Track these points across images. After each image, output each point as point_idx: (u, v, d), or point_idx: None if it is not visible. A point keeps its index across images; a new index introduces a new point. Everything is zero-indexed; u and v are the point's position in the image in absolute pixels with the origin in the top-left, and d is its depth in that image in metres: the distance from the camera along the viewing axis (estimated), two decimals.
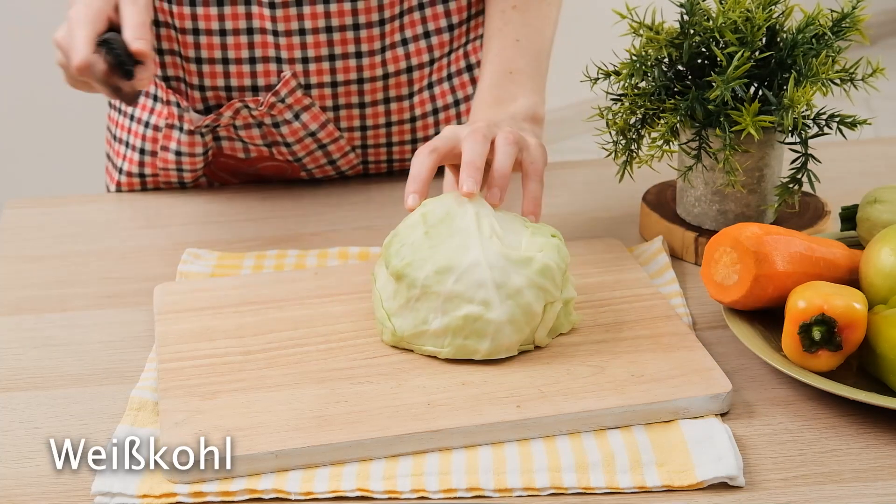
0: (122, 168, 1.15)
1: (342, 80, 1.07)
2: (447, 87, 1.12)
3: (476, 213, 0.83)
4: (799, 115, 0.89)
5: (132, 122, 1.13)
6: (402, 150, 1.13)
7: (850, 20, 0.93)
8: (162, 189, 1.16)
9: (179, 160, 1.11)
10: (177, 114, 1.09)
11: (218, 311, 0.87)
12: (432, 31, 1.09)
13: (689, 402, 0.76)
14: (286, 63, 1.05)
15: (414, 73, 1.09)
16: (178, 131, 1.09)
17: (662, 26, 0.94)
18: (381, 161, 1.14)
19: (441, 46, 1.10)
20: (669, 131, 0.93)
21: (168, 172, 1.12)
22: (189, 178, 1.12)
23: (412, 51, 1.08)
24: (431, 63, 1.10)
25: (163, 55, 1.07)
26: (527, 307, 0.79)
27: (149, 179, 1.14)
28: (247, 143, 1.10)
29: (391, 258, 0.81)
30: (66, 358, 0.85)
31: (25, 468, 0.74)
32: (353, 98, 1.08)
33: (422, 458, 0.72)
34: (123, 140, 1.15)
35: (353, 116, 1.09)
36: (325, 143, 1.10)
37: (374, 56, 1.06)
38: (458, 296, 0.79)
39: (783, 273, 0.82)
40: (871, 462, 0.73)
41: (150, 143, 1.12)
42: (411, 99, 1.10)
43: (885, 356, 0.76)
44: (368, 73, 1.07)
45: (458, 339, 0.79)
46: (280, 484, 0.71)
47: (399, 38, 1.07)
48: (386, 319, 0.81)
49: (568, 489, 0.70)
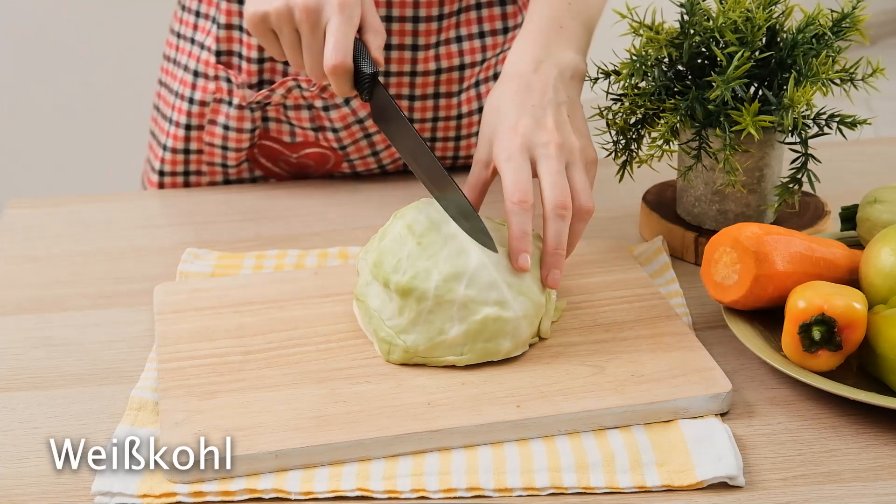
0: (166, 145, 1.14)
1: (395, 71, 1.08)
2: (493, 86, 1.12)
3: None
4: (799, 115, 0.89)
5: (176, 99, 1.13)
6: (444, 146, 1.13)
7: (850, 20, 0.93)
8: (163, 189, 1.16)
9: (226, 135, 1.11)
10: (226, 89, 1.09)
11: (218, 311, 0.87)
12: (487, 32, 1.10)
13: (688, 402, 0.76)
14: None
15: (465, 70, 1.10)
16: (228, 105, 1.10)
17: (662, 26, 0.94)
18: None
19: (494, 47, 1.11)
20: (669, 131, 0.93)
21: (213, 150, 1.12)
22: (233, 158, 1.12)
23: (466, 49, 1.09)
24: (482, 62, 1.11)
25: (220, 29, 1.08)
26: (536, 299, 0.80)
27: (193, 158, 1.13)
28: (294, 125, 1.10)
29: (389, 275, 0.79)
30: (66, 358, 0.85)
31: (25, 468, 0.74)
32: (405, 90, 1.09)
33: (422, 458, 0.72)
34: (167, 116, 1.15)
35: (402, 108, 1.09)
36: (371, 133, 1.10)
37: (428, 50, 1.07)
38: (472, 300, 0.79)
39: (783, 273, 0.82)
40: (871, 462, 0.73)
41: (196, 118, 1.12)
42: (459, 96, 1.11)
43: (885, 356, 0.76)
44: (422, 67, 1.08)
45: (479, 343, 0.79)
46: (280, 484, 0.71)
47: (454, 34, 1.08)
48: (394, 338, 0.80)
49: (568, 489, 0.70)
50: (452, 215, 0.83)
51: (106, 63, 2.53)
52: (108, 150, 2.57)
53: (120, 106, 2.54)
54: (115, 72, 2.53)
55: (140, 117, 2.63)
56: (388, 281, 0.80)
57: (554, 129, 0.85)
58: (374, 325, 0.81)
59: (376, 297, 0.81)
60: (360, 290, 0.83)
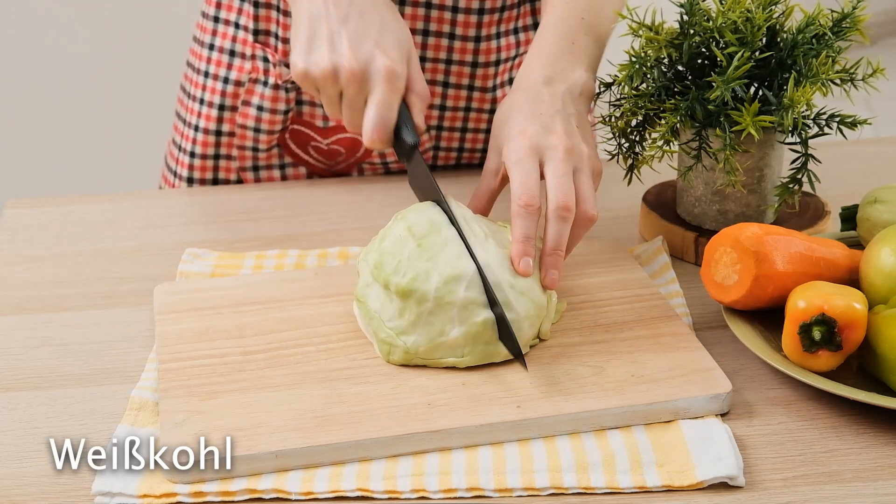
0: (198, 126, 1.14)
1: (431, 57, 1.08)
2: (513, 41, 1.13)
3: (463, 218, 0.83)
4: (799, 115, 0.89)
5: (207, 79, 1.13)
6: (475, 137, 1.14)
7: (851, 20, 0.93)
8: (163, 188, 1.16)
9: (260, 117, 1.11)
10: (262, 68, 1.10)
11: (218, 312, 0.87)
12: (520, 28, 1.10)
13: (689, 403, 0.76)
14: None
15: (500, 66, 1.10)
16: (263, 86, 1.10)
17: (662, 27, 0.94)
18: (453, 148, 1.14)
19: (527, 43, 1.11)
20: (669, 131, 0.93)
21: (245, 133, 1.12)
22: (265, 142, 1.12)
23: (503, 45, 1.09)
24: (515, 58, 1.11)
25: (257, 7, 1.09)
26: (538, 300, 0.80)
27: (224, 140, 1.13)
28: None
29: (390, 276, 0.79)
30: (66, 358, 0.85)
31: (25, 468, 0.74)
32: (439, 76, 1.09)
33: (422, 459, 0.72)
34: (198, 97, 1.14)
35: (435, 94, 1.10)
36: None
37: (466, 42, 1.07)
38: (472, 302, 0.78)
39: (783, 273, 0.82)
40: (871, 462, 0.73)
41: (231, 98, 1.12)
42: (494, 91, 1.11)
43: (885, 356, 0.76)
44: (458, 57, 1.08)
45: (479, 344, 0.79)
46: (280, 484, 0.70)
47: (495, 30, 1.08)
48: (394, 339, 0.80)
49: (568, 489, 0.70)
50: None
51: (106, 63, 2.53)
52: (109, 150, 2.57)
53: (120, 106, 2.54)
54: (115, 72, 2.53)
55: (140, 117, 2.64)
56: (388, 282, 0.80)
57: (563, 134, 0.85)
58: (374, 327, 0.81)
59: (377, 298, 0.81)
60: (361, 292, 0.83)
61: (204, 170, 1.15)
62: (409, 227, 0.81)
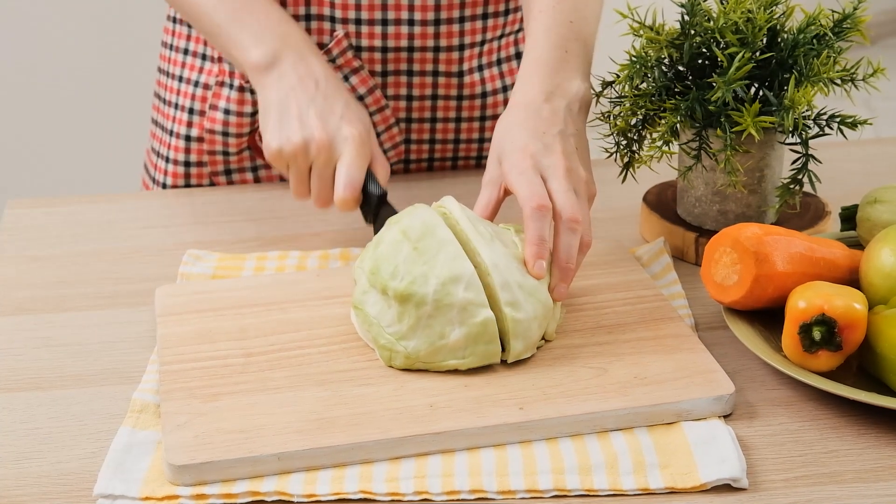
0: (172, 130, 1.15)
1: (392, 47, 1.08)
2: (496, 72, 1.13)
3: (468, 219, 0.82)
4: (799, 116, 0.89)
5: (180, 83, 1.14)
6: (445, 127, 1.14)
7: (851, 20, 0.93)
8: (164, 189, 1.16)
9: (227, 120, 1.11)
10: (227, 70, 1.10)
11: (219, 313, 0.87)
12: (490, 13, 1.10)
13: (692, 405, 0.76)
14: (339, 23, 1.06)
15: (465, 51, 1.10)
16: (229, 88, 1.10)
17: (663, 27, 0.94)
18: (424, 140, 1.14)
19: (494, 29, 1.11)
20: (669, 131, 0.93)
21: (214, 137, 1.12)
22: (234, 145, 1.12)
23: (467, 29, 1.09)
24: (482, 44, 1.11)
25: None
26: (545, 302, 0.80)
27: (194, 147, 1.13)
28: None
29: (387, 281, 0.79)
30: (66, 358, 0.85)
31: (25, 468, 0.74)
32: (402, 65, 1.09)
33: (424, 461, 0.72)
34: (172, 102, 1.15)
35: (400, 84, 1.10)
36: (371, 111, 1.10)
37: (426, 26, 1.07)
38: (471, 302, 0.78)
39: (783, 273, 0.82)
40: (873, 463, 0.73)
41: (200, 101, 1.12)
42: (461, 77, 1.11)
43: (885, 356, 0.77)
44: (419, 43, 1.08)
45: (480, 345, 0.79)
46: (282, 486, 0.70)
47: (457, 14, 1.08)
48: (395, 344, 0.79)
49: (571, 491, 0.70)
50: None
51: (107, 63, 2.53)
52: (109, 150, 2.56)
53: (121, 106, 2.53)
54: (116, 71, 2.53)
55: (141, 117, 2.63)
56: (386, 287, 0.79)
57: (562, 155, 0.86)
58: (373, 333, 0.80)
59: (375, 304, 0.81)
60: (358, 298, 0.82)
61: (176, 176, 1.15)
62: (403, 230, 0.81)
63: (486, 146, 1.15)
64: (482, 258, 0.80)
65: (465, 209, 0.84)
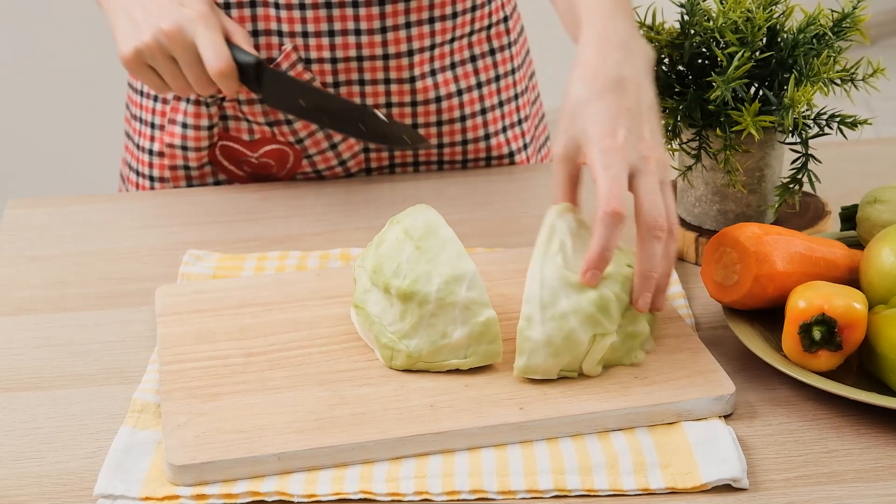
0: (139, 144, 1.15)
1: (342, 57, 1.08)
2: (450, 76, 1.12)
3: (551, 226, 0.80)
4: (799, 115, 0.89)
5: (143, 98, 1.14)
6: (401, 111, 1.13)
7: (851, 20, 0.93)
8: (163, 188, 1.15)
9: (185, 134, 1.11)
10: None
11: (220, 313, 0.87)
12: (437, 17, 1.09)
13: (692, 405, 0.76)
14: (287, 36, 1.06)
15: (415, 56, 1.09)
16: (186, 102, 1.10)
17: (663, 26, 0.94)
18: (382, 147, 1.14)
19: (443, 32, 1.10)
20: (669, 131, 0.93)
21: (174, 152, 1.12)
22: (194, 159, 1.12)
23: (414, 34, 1.08)
24: (432, 48, 1.10)
25: None
26: (570, 333, 0.76)
27: (156, 162, 1.13)
28: (251, 121, 1.10)
29: (390, 280, 0.79)
30: (66, 358, 0.85)
31: (25, 468, 0.74)
32: (353, 75, 1.09)
33: (425, 461, 0.72)
34: (138, 116, 1.15)
35: (353, 94, 1.10)
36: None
37: (373, 35, 1.07)
38: (474, 301, 0.78)
39: (783, 273, 0.82)
40: (872, 462, 0.73)
41: (160, 116, 1.13)
42: (413, 83, 1.10)
43: (885, 356, 0.77)
44: (368, 52, 1.08)
45: (482, 344, 0.78)
46: (283, 486, 0.70)
47: (403, 20, 1.07)
48: (396, 343, 0.79)
49: (572, 491, 0.70)
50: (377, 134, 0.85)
51: (107, 63, 2.52)
52: (109, 151, 2.56)
53: (121, 106, 2.53)
54: (116, 72, 2.52)
55: None
56: (388, 286, 0.79)
57: (653, 144, 0.80)
58: (375, 332, 0.80)
59: (376, 303, 0.81)
60: (359, 297, 0.82)
61: (145, 189, 1.15)
62: (405, 230, 0.81)
63: (446, 151, 1.14)
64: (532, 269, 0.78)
65: (566, 217, 0.81)
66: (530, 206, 1.07)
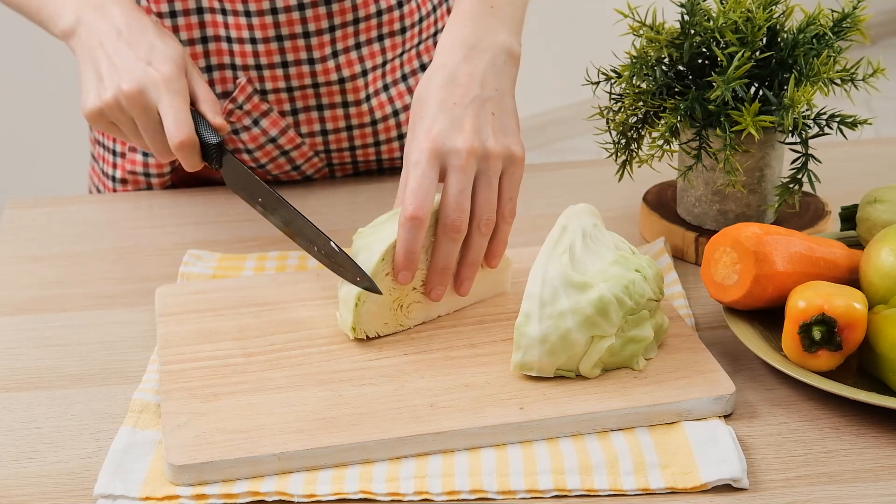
0: (103, 170, 1.16)
1: (297, 86, 1.07)
2: (403, 88, 1.12)
3: (563, 226, 0.80)
4: (799, 115, 0.89)
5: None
6: (365, 152, 1.13)
7: (851, 20, 0.93)
8: (162, 189, 1.15)
9: (146, 161, 1.11)
10: None
11: (220, 313, 0.87)
12: (386, 34, 1.09)
13: (692, 404, 0.76)
14: (241, 70, 1.06)
15: (368, 75, 1.09)
16: None
17: (663, 26, 0.94)
18: (346, 163, 1.14)
19: (393, 48, 1.10)
20: (669, 131, 0.93)
21: (137, 177, 1.12)
22: (157, 184, 1.13)
23: (365, 54, 1.08)
24: (384, 65, 1.10)
25: None
26: (566, 333, 0.76)
27: (119, 188, 1.14)
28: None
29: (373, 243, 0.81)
30: (66, 358, 0.85)
31: (25, 468, 0.74)
32: (311, 101, 1.08)
33: (425, 460, 0.72)
34: (101, 142, 1.16)
35: (312, 120, 1.09)
36: (287, 150, 1.10)
37: (326, 62, 1.06)
38: None
39: (783, 273, 0.82)
40: (872, 462, 0.73)
41: (120, 143, 1.13)
42: (369, 102, 1.10)
43: (885, 356, 0.77)
44: (323, 78, 1.07)
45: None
46: (283, 486, 0.70)
47: (353, 42, 1.07)
48: None
49: (572, 491, 0.70)
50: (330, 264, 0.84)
51: None
52: None
53: None
54: None
55: None
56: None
57: (470, 133, 0.81)
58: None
59: None
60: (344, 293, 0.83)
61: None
62: None
63: None
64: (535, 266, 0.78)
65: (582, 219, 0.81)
66: (530, 206, 1.07)
